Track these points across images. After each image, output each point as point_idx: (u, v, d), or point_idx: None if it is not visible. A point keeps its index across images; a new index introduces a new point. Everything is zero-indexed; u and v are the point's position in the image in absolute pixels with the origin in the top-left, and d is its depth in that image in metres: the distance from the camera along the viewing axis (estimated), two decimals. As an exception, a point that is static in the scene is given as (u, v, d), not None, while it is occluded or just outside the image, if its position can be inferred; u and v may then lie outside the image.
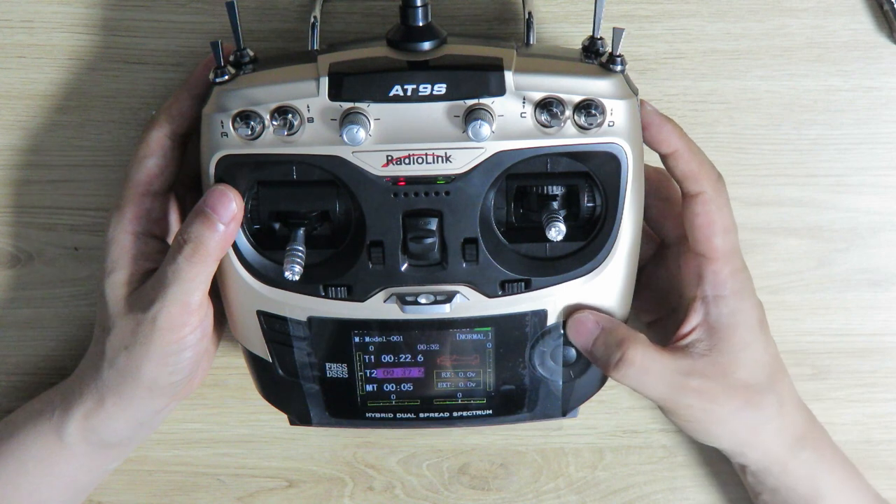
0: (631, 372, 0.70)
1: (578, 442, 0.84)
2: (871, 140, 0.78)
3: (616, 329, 0.71)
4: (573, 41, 0.75)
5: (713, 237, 0.71)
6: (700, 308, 0.72)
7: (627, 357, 0.70)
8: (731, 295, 0.71)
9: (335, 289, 0.70)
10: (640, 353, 0.70)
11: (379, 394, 0.74)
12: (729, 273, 0.71)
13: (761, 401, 0.73)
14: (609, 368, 0.71)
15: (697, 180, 0.70)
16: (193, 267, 0.68)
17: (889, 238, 0.80)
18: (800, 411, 0.76)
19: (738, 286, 0.72)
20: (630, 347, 0.70)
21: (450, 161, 0.67)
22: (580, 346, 0.72)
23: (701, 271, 0.71)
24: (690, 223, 0.71)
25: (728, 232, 0.71)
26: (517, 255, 0.70)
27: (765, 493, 0.77)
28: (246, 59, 0.68)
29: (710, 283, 0.71)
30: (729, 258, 0.71)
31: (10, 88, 0.77)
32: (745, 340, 0.72)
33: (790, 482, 0.75)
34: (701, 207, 0.70)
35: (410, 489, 0.85)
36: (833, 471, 0.76)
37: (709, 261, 0.71)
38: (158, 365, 0.70)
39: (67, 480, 0.76)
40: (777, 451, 0.75)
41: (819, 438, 0.76)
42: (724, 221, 0.71)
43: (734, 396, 0.72)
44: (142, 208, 0.71)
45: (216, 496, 0.85)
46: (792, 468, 0.75)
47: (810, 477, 0.75)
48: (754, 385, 0.72)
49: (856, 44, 0.76)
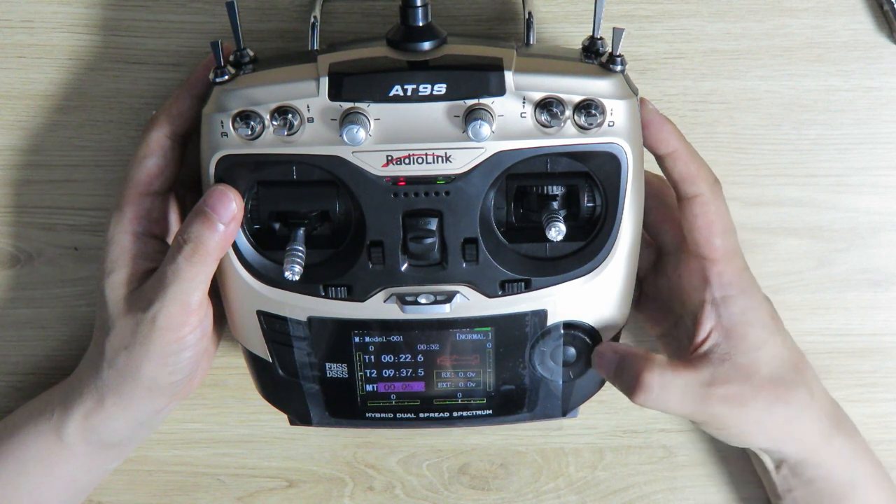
0: (651, 396, 0.70)
1: (578, 442, 0.84)
2: (871, 140, 0.78)
3: (632, 356, 0.71)
4: (573, 41, 0.75)
5: (714, 238, 0.70)
6: (710, 311, 0.71)
7: (643, 382, 0.69)
8: (738, 294, 0.71)
9: (335, 289, 0.70)
10: (657, 375, 0.70)
11: (379, 394, 0.74)
12: (734, 272, 0.71)
13: (791, 394, 0.72)
14: (631, 395, 0.70)
15: (695, 182, 0.70)
16: (193, 267, 0.68)
17: (889, 238, 0.80)
18: (828, 397, 0.75)
19: (744, 284, 0.72)
20: (645, 372, 0.70)
21: (450, 161, 0.67)
22: (607, 379, 0.72)
23: (705, 274, 0.71)
24: (690, 225, 0.71)
25: (728, 232, 0.71)
26: (517, 255, 0.70)
27: (798, 487, 0.76)
28: (246, 59, 0.68)
29: (716, 284, 0.71)
30: (731, 258, 0.71)
31: (10, 88, 0.76)
32: (761, 337, 0.72)
33: (826, 471, 0.75)
34: (700, 209, 0.70)
35: (410, 489, 0.85)
36: (865, 458, 0.76)
37: (712, 262, 0.71)
38: (158, 365, 0.70)
39: (67, 480, 0.76)
40: (813, 441, 0.74)
41: (850, 426, 0.76)
42: (724, 222, 0.71)
43: (762, 396, 0.71)
44: (141, 208, 0.71)
45: (216, 496, 0.85)
46: (827, 456, 0.75)
47: (845, 464, 0.75)
48: (780, 379, 0.72)
49: (856, 44, 0.76)
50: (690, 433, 0.84)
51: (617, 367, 0.71)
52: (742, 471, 0.84)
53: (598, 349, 0.72)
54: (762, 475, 0.79)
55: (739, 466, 0.84)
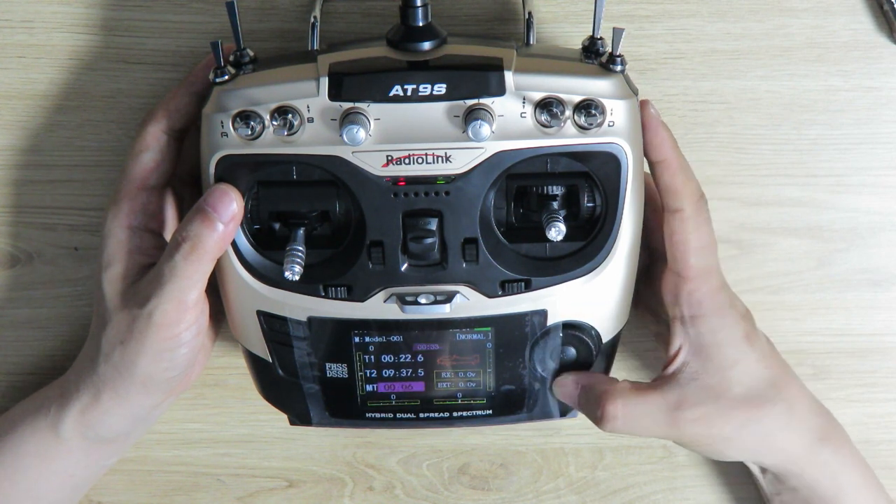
0: (617, 424, 0.71)
1: (578, 442, 0.84)
2: (871, 140, 0.78)
3: (595, 385, 0.71)
4: (573, 41, 0.75)
5: (689, 256, 0.70)
6: (679, 329, 0.71)
7: (607, 413, 0.70)
8: (709, 314, 0.71)
9: (335, 289, 0.70)
10: (621, 404, 0.70)
11: (379, 394, 0.74)
12: (706, 292, 0.71)
13: (767, 412, 0.72)
14: (598, 424, 0.71)
15: (678, 196, 0.69)
16: (190, 265, 0.68)
17: (889, 238, 0.80)
18: (815, 412, 0.75)
19: (716, 305, 0.71)
20: (608, 402, 0.70)
21: (450, 161, 0.67)
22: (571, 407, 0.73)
23: (677, 291, 0.71)
24: (668, 240, 0.70)
25: (706, 251, 0.70)
26: (517, 255, 0.70)
27: (784, 492, 0.77)
28: (246, 59, 0.68)
29: (685, 302, 0.71)
30: (705, 277, 0.70)
31: (10, 88, 0.77)
32: (732, 357, 0.71)
33: (810, 482, 0.75)
34: (678, 225, 0.70)
35: (410, 489, 0.85)
36: (853, 470, 0.76)
37: (684, 280, 0.70)
38: (153, 360, 0.70)
39: (64, 476, 0.76)
40: (795, 453, 0.74)
41: (839, 438, 0.76)
42: (702, 240, 0.70)
43: (733, 416, 0.71)
44: (138, 202, 0.71)
45: (216, 496, 0.85)
46: (812, 469, 0.74)
47: (831, 476, 0.75)
48: (755, 398, 0.72)
49: (856, 44, 0.76)
50: (690, 433, 0.84)
51: (580, 398, 0.72)
52: (741, 471, 0.84)
53: (559, 380, 0.73)
54: (754, 478, 0.79)
55: (739, 467, 0.84)
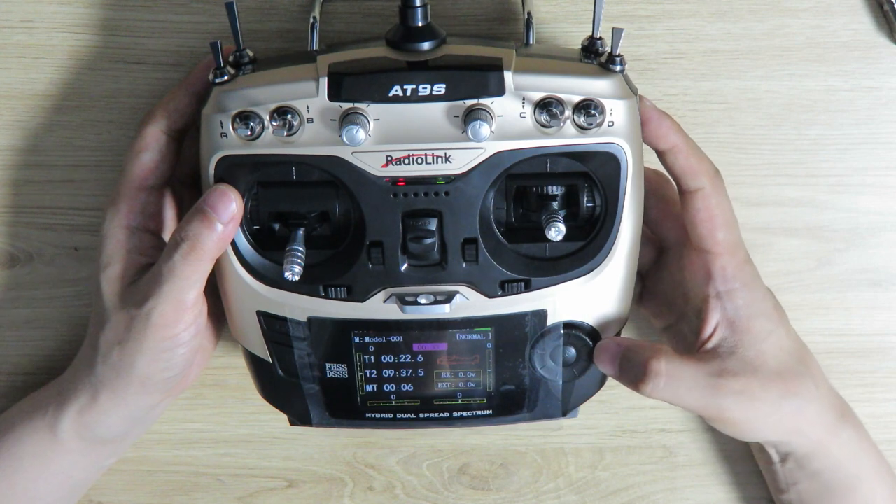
0: (660, 383, 0.69)
1: (578, 442, 0.84)
2: (871, 140, 0.78)
3: (639, 346, 0.70)
4: (573, 41, 0.75)
5: (716, 231, 0.70)
6: (715, 305, 0.71)
7: (652, 369, 0.69)
8: (742, 287, 0.71)
9: (335, 289, 0.70)
10: (665, 362, 0.69)
11: (379, 394, 0.74)
12: (737, 266, 0.71)
13: (798, 386, 0.72)
14: (639, 385, 0.70)
15: (696, 176, 0.70)
16: (189, 265, 0.68)
17: (889, 238, 0.80)
18: (832, 389, 0.75)
19: (747, 277, 0.72)
20: (653, 359, 0.69)
21: (449, 161, 0.67)
22: (609, 373, 0.72)
23: (708, 268, 0.71)
24: (692, 219, 0.71)
25: (730, 225, 0.71)
26: (517, 255, 0.70)
27: (803, 480, 0.76)
28: (245, 59, 0.68)
29: (719, 278, 0.71)
30: (734, 251, 0.71)
31: (10, 88, 0.77)
32: (766, 329, 0.72)
33: (833, 464, 0.75)
34: (702, 202, 0.70)
35: (410, 489, 0.85)
36: (871, 451, 0.76)
37: (715, 256, 0.71)
38: (151, 361, 0.70)
39: (62, 477, 0.76)
40: (820, 434, 0.74)
41: (854, 417, 0.76)
42: (726, 215, 0.71)
43: (771, 388, 0.71)
44: (137, 203, 0.71)
45: (216, 496, 0.85)
46: (835, 449, 0.74)
47: (852, 456, 0.75)
48: (787, 371, 0.72)
49: (856, 44, 0.76)
50: (690, 433, 0.84)
51: (622, 359, 0.70)
52: (742, 471, 0.84)
53: (601, 344, 0.72)
54: (765, 469, 0.79)
55: (739, 466, 0.84)
